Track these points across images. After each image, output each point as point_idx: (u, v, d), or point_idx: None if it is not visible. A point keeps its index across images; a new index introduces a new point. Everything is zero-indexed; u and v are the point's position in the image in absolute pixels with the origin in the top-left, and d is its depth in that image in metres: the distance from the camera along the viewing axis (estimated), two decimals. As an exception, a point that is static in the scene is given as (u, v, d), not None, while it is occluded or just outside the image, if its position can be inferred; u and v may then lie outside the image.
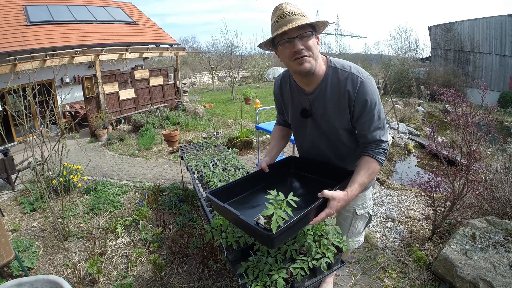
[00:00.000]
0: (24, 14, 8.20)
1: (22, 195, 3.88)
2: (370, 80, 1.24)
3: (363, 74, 1.23)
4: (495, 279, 1.79)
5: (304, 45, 1.14)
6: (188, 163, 2.86)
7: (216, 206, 1.20)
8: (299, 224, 1.08)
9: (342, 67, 1.25)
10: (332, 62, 1.28)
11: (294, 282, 1.14)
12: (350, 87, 1.22)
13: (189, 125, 7.67)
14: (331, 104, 1.28)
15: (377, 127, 1.25)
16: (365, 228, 1.68)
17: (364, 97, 1.21)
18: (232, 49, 18.60)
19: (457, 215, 2.60)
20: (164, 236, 2.76)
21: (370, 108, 1.22)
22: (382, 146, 1.27)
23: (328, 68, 1.27)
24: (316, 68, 1.22)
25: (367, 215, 1.63)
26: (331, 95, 1.27)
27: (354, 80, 1.21)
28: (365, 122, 1.25)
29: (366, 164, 1.25)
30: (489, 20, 12.39)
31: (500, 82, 12.30)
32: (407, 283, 2.15)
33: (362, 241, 1.72)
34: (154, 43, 10.09)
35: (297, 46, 1.14)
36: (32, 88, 3.00)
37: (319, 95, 1.30)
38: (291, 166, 1.55)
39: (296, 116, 1.43)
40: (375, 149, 1.26)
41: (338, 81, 1.24)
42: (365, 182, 1.23)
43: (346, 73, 1.23)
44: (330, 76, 1.26)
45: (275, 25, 1.17)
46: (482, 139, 2.49)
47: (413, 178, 2.92)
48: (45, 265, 2.51)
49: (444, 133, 6.69)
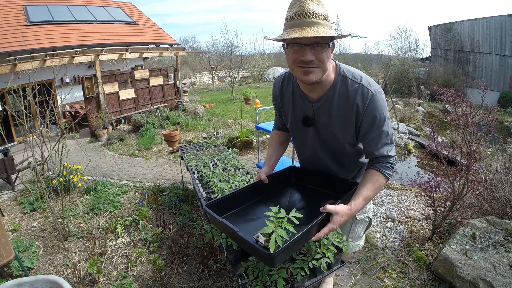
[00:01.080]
0: (24, 14, 8.20)
1: (22, 195, 3.88)
2: (381, 95, 1.15)
3: (375, 87, 1.14)
4: (495, 279, 1.79)
5: (316, 56, 1.02)
6: (188, 163, 2.86)
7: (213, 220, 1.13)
8: (300, 242, 1.04)
9: (353, 76, 1.15)
10: (342, 69, 1.17)
11: (294, 282, 1.14)
12: (359, 100, 1.12)
13: (189, 125, 7.67)
14: (337, 116, 1.19)
15: (385, 143, 1.19)
16: (365, 232, 1.65)
17: (374, 113, 1.13)
18: (232, 49, 18.58)
19: (457, 215, 2.60)
20: (164, 236, 2.75)
21: (379, 124, 1.15)
22: (389, 161, 1.21)
23: (337, 76, 1.17)
24: (323, 78, 1.12)
25: (367, 220, 1.60)
26: (338, 106, 1.17)
27: (365, 93, 1.12)
28: (373, 138, 1.18)
29: (372, 178, 1.19)
30: (489, 20, 12.39)
31: (500, 82, 12.30)
32: (407, 283, 2.15)
33: (362, 244, 1.70)
34: (154, 43, 10.09)
35: (307, 57, 1.01)
36: (32, 88, 3.00)
37: (324, 104, 1.20)
38: (292, 177, 1.50)
39: (296, 123, 1.33)
40: (383, 163, 1.20)
41: (347, 92, 1.14)
42: (370, 196, 1.18)
43: (356, 84, 1.13)
44: (339, 85, 1.16)
45: (290, 20, 1.01)
46: (482, 139, 2.50)
47: (413, 178, 2.92)
48: (45, 265, 2.51)
49: (444, 133, 6.68)
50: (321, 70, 1.06)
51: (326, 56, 1.04)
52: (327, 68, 1.09)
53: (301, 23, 0.98)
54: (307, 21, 0.98)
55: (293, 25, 1.00)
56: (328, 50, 1.04)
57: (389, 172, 1.21)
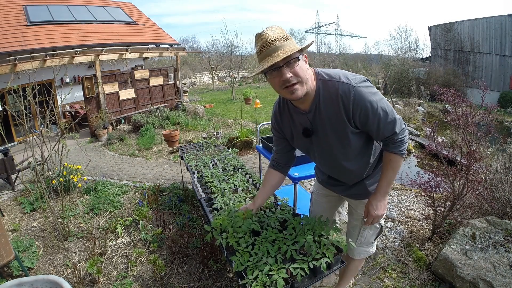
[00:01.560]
0: (24, 14, 8.20)
1: (22, 195, 3.88)
2: (363, 83, 1.18)
3: (354, 80, 1.18)
4: (495, 279, 1.79)
5: (292, 72, 1.11)
6: (188, 163, 2.86)
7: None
8: None
9: (330, 77, 1.20)
10: (320, 74, 1.23)
11: (294, 282, 1.14)
12: (343, 97, 1.17)
13: (189, 125, 7.67)
14: (329, 119, 1.24)
15: (387, 122, 1.21)
16: (376, 238, 1.64)
17: (363, 103, 1.16)
18: (232, 49, 18.62)
19: (457, 215, 2.60)
20: (164, 236, 2.75)
21: (373, 110, 1.17)
22: (399, 138, 1.24)
23: (318, 82, 1.22)
24: (308, 89, 1.19)
25: (377, 226, 1.58)
26: (326, 110, 1.23)
27: (346, 89, 1.16)
28: (373, 123, 1.21)
29: (387, 160, 1.31)
30: (489, 20, 12.39)
31: (500, 82, 12.30)
32: (407, 283, 2.15)
33: (373, 251, 1.69)
34: (154, 43, 10.08)
35: (285, 76, 1.11)
36: (32, 88, 2.99)
37: (316, 112, 1.26)
38: None
39: (299, 136, 1.39)
40: (391, 144, 1.26)
41: (329, 94, 1.20)
42: (391, 177, 1.33)
43: (335, 83, 1.18)
44: (321, 90, 1.21)
45: (260, 54, 1.14)
46: (482, 139, 2.49)
47: (413, 178, 2.92)
48: (45, 265, 2.51)
49: (444, 133, 6.68)
50: (301, 84, 1.14)
51: (300, 69, 1.13)
52: (307, 78, 1.16)
53: (269, 51, 1.11)
54: (273, 48, 1.10)
55: (264, 56, 1.12)
56: (300, 63, 1.13)
57: (401, 150, 1.27)
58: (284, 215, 1.57)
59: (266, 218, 1.54)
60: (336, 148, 1.32)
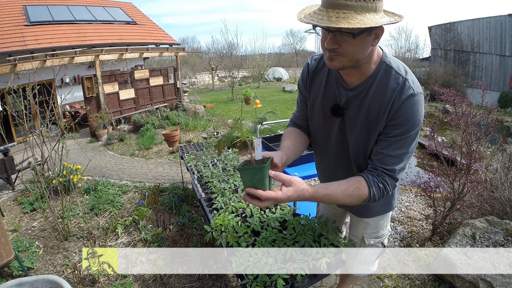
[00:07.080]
0: (24, 14, 8.19)
1: (22, 195, 3.88)
2: (421, 97, 0.99)
3: (418, 88, 0.99)
4: (495, 279, 1.79)
5: (341, 44, 0.89)
6: (188, 163, 2.86)
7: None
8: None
9: (398, 68, 1.01)
10: (388, 58, 1.02)
11: (294, 282, 1.14)
12: (398, 95, 0.97)
13: (189, 125, 7.67)
14: (369, 107, 1.04)
15: (398, 154, 1.01)
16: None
17: (407, 115, 0.97)
18: (232, 49, 18.60)
19: (457, 215, 2.60)
20: (164, 236, 2.75)
21: (406, 129, 0.98)
22: (389, 179, 1.02)
23: (381, 64, 1.02)
24: (360, 64, 0.99)
25: (379, 246, 1.43)
26: (373, 96, 1.02)
27: (406, 90, 0.97)
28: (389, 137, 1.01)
29: (355, 183, 1.00)
30: (489, 20, 12.38)
31: (500, 82, 12.29)
32: (407, 283, 2.15)
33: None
34: (154, 43, 10.08)
35: (328, 44, 0.90)
36: (32, 88, 2.99)
37: (361, 94, 1.05)
38: None
39: (323, 111, 1.16)
40: (379, 177, 1.02)
41: (388, 83, 1.00)
42: (337, 197, 0.98)
43: (399, 77, 0.99)
44: (381, 74, 1.01)
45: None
46: (482, 139, 2.49)
47: (413, 178, 2.91)
48: (45, 265, 2.51)
49: (444, 133, 6.68)
50: (346, 59, 0.93)
51: (352, 46, 0.89)
52: (357, 60, 0.94)
53: (332, 4, 0.84)
54: (339, 2, 0.83)
55: (324, 4, 0.87)
56: (357, 40, 0.87)
57: (376, 192, 1.00)
58: (284, 215, 1.57)
59: (266, 218, 1.54)
60: (357, 141, 1.11)
